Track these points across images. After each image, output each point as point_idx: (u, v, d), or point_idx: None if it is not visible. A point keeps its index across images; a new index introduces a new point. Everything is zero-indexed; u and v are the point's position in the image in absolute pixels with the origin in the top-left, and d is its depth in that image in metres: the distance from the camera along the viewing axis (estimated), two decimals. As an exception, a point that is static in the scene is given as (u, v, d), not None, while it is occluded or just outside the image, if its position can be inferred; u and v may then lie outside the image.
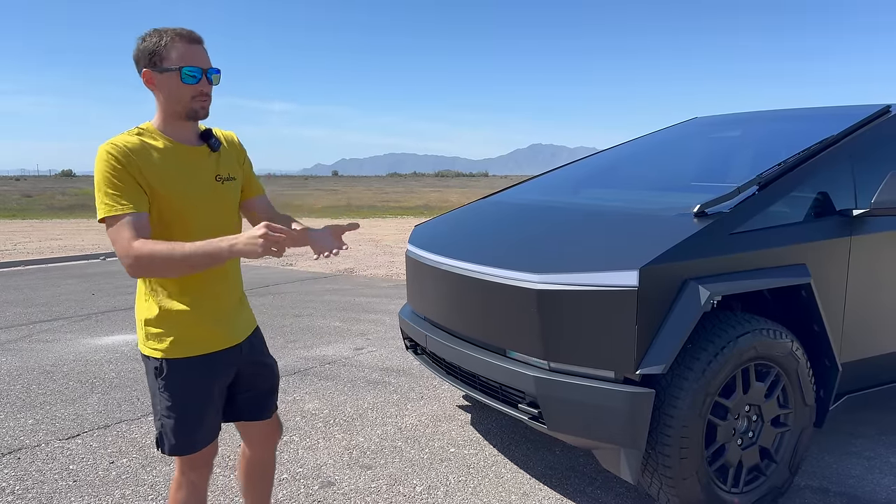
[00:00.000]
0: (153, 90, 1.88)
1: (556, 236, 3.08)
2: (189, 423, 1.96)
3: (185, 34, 1.85)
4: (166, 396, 1.94)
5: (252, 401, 2.13)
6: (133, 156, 1.80)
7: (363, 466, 3.37)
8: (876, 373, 3.30)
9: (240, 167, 2.07)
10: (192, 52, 1.84)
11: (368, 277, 9.78)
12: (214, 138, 1.98)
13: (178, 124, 1.90)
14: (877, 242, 3.12)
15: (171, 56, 1.82)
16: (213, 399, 2.00)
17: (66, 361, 5.19)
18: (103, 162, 1.77)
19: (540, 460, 3.44)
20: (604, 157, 4.70)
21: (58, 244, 14.16)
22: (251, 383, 2.12)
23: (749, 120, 4.23)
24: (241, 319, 2.06)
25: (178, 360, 1.91)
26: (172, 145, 1.89)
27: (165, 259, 1.72)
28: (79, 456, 3.47)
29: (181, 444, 1.97)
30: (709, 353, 2.57)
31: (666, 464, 2.56)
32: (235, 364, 2.05)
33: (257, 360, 2.13)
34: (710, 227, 2.67)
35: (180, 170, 1.87)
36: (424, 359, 3.70)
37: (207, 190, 1.92)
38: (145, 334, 1.93)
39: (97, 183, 1.78)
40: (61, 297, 7.93)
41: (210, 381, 1.98)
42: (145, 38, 1.85)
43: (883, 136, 3.32)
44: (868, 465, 3.35)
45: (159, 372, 1.92)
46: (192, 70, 1.83)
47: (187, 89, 1.84)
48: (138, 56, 1.86)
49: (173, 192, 1.85)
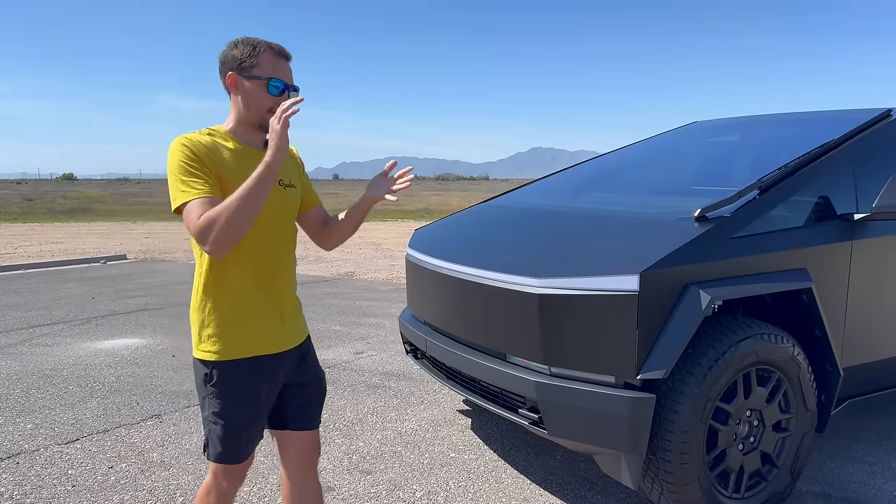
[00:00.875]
0: (234, 94, 1.94)
1: (556, 240, 3.07)
2: (236, 430, 1.95)
3: (278, 48, 1.92)
4: (214, 402, 1.93)
5: (299, 410, 2.10)
6: (205, 149, 1.85)
7: (363, 471, 3.35)
8: (878, 377, 3.29)
9: (299, 178, 2.12)
10: (281, 65, 1.92)
11: (369, 281, 9.77)
12: None
13: (249, 131, 1.96)
14: (878, 247, 3.11)
15: (262, 66, 1.89)
16: (261, 407, 1.99)
17: (66, 365, 5.18)
18: (177, 153, 1.81)
19: (540, 465, 3.42)
20: (604, 160, 4.70)
21: (58, 248, 14.17)
22: (300, 393, 2.09)
23: (749, 124, 4.22)
24: (292, 325, 2.05)
25: (228, 363, 1.92)
26: (241, 147, 1.94)
27: (225, 210, 1.72)
28: (78, 461, 3.46)
29: (227, 452, 1.96)
30: (710, 358, 2.56)
31: (667, 469, 2.55)
32: (284, 371, 2.03)
33: (307, 370, 2.11)
34: (711, 232, 2.66)
35: (247, 170, 1.87)
36: (424, 363, 3.69)
37: (273, 193, 1.95)
38: (199, 338, 1.94)
39: (171, 174, 1.81)
40: (61, 301, 7.93)
41: (258, 387, 1.96)
42: (238, 44, 1.91)
43: (884, 140, 3.31)
44: (870, 471, 3.34)
45: (209, 377, 1.92)
46: (277, 82, 1.89)
47: (269, 100, 1.90)
48: (227, 59, 1.92)
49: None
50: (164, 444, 3.66)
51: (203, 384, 1.94)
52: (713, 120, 4.64)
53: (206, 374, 1.93)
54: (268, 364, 1.96)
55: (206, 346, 1.92)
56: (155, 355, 5.48)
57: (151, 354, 5.51)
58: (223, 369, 1.91)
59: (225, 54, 1.92)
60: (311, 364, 2.12)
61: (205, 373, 1.93)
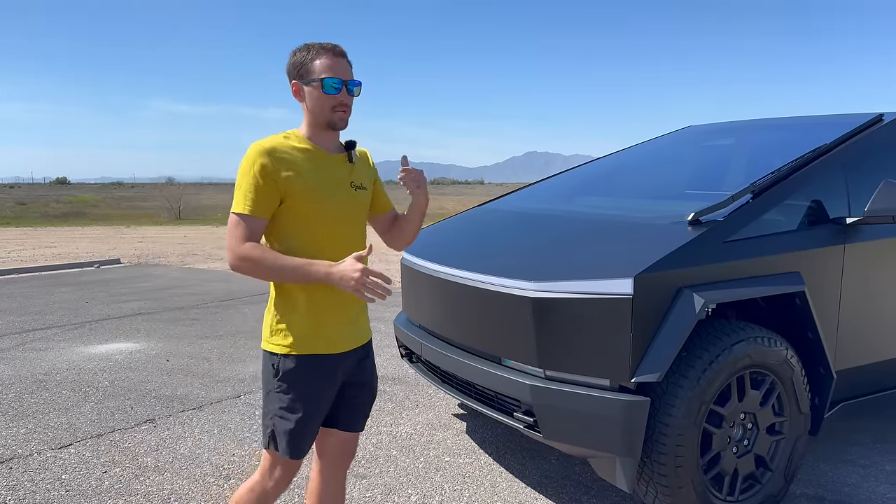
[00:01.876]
0: (300, 101, 2.00)
1: (551, 244, 3.08)
2: (303, 424, 1.99)
3: (329, 47, 1.96)
4: (281, 396, 1.98)
5: (351, 410, 2.15)
6: (279, 157, 1.91)
7: (358, 476, 3.35)
8: (871, 380, 3.31)
9: (370, 182, 2.16)
10: (334, 64, 1.95)
11: (364, 285, 9.75)
12: (354, 151, 2.09)
13: (320, 133, 2.01)
14: (870, 250, 3.13)
15: (316, 68, 1.94)
16: (326, 404, 2.05)
17: (60, 370, 5.16)
18: (251, 163, 1.89)
19: (535, 469, 3.43)
20: (599, 165, 4.72)
21: (52, 252, 14.12)
22: (355, 393, 2.14)
23: (743, 128, 4.25)
24: (357, 327, 2.10)
25: (298, 357, 1.97)
26: (315, 150, 2.00)
27: (267, 268, 1.87)
28: (71, 465, 3.44)
29: (293, 446, 2.00)
30: (704, 361, 2.57)
31: (661, 472, 2.56)
32: (344, 371, 2.07)
33: (365, 371, 2.15)
34: (705, 236, 2.67)
35: (319, 172, 1.97)
36: (420, 367, 3.69)
37: (342, 193, 2.01)
38: (270, 331, 2.01)
39: (240, 178, 1.91)
40: (55, 306, 7.90)
41: (323, 384, 2.01)
42: (296, 52, 1.98)
43: (876, 144, 3.34)
44: (863, 473, 3.35)
45: (276, 371, 1.98)
46: (332, 81, 1.93)
47: (328, 100, 1.94)
48: (289, 69, 1.99)
49: (312, 191, 1.94)
50: (158, 449, 3.65)
51: (271, 377, 2.00)
52: (708, 124, 4.66)
53: (273, 367, 1.99)
54: (334, 362, 2.02)
55: (278, 340, 1.99)
56: (149, 360, 5.47)
57: (145, 359, 5.49)
58: (292, 364, 1.97)
59: (287, 65, 1.99)
60: (368, 366, 2.18)
61: (273, 363, 1.99)
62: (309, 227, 1.96)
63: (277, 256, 1.87)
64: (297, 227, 1.96)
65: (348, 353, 2.07)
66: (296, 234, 1.96)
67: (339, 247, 2.00)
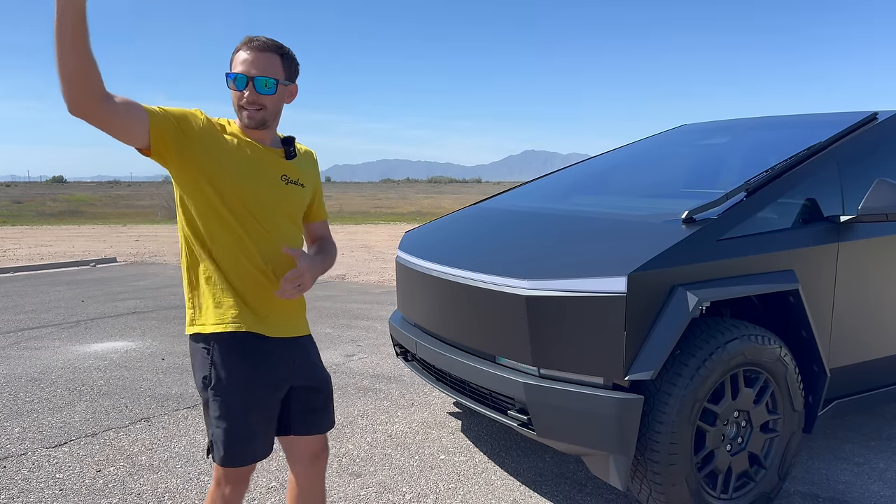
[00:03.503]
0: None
1: (545, 243, 3.08)
2: (240, 432, 1.91)
3: (248, 40, 1.89)
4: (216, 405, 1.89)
5: (304, 415, 2.07)
6: (213, 126, 1.88)
7: (352, 474, 3.35)
8: (864, 378, 3.32)
9: (310, 183, 2.10)
10: (247, 58, 1.87)
11: (360, 283, 9.76)
12: (293, 147, 2.03)
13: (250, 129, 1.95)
14: (864, 249, 3.14)
15: (233, 63, 1.89)
16: (266, 408, 1.95)
17: (55, 369, 5.15)
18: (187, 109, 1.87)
19: (530, 467, 3.43)
20: (594, 163, 4.72)
21: (48, 251, 14.08)
22: (303, 396, 2.06)
23: (737, 127, 4.25)
24: (288, 316, 2.02)
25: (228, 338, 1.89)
26: (245, 140, 1.94)
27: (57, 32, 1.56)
28: (65, 464, 3.44)
29: (231, 455, 1.92)
30: (697, 359, 2.57)
31: (655, 470, 2.56)
32: (288, 367, 1.99)
33: (311, 373, 2.07)
34: (699, 234, 2.68)
35: (245, 161, 1.91)
36: (415, 365, 3.70)
37: (269, 185, 1.94)
38: (193, 315, 1.94)
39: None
40: (50, 304, 7.88)
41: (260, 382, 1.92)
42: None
43: (870, 142, 3.34)
44: (857, 471, 3.36)
45: (207, 381, 1.89)
46: (235, 76, 1.86)
47: (234, 96, 1.89)
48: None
49: (236, 179, 1.87)
50: (152, 448, 3.65)
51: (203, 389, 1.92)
52: (702, 123, 4.66)
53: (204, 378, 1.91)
54: (269, 350, 1.94)
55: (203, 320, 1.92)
56: (144, 358, 5.46)
57: (141, 357, 5.49)
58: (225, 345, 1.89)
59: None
60: (314, 366, 2.09)
61: (204, 376, 1.91)
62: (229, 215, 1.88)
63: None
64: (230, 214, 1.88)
65: (288, 341, 1.99)
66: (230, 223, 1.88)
67: (269, 239, 1.93)
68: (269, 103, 1.89)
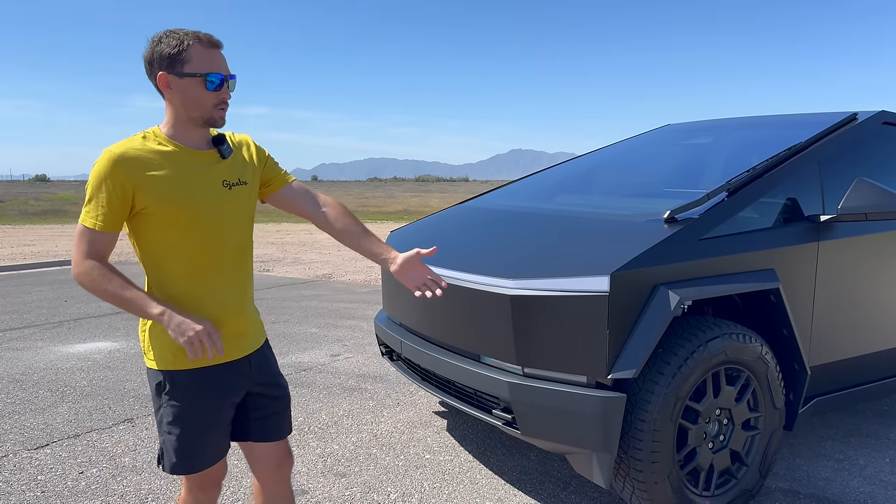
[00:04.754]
0: (167, 94, 1.81)
1: (529, 242, 3.10)
2: (191, 440, 1.88)
3: (205, 38, 1.78)
4: (168, 411, 1.87)
5: (261, 420, 2.03)
6: (132, 163, 1.75)
7: (337, 474, 3.35)
8: (844, 376, 3.36)
9: (255, 170, 1.99)
10: (213, 57, 1.79)
11: (346, 283, 9.74)
12: (226, 144, 1.91)
13: (189, 129, 1.84)
14: (844, 248, 3.17)
15: (194, 61, 1.76)
16: (218, 417, 1.92)
17: (37, 370, 5.10)
18: (100, 171, 1.74)
19: (515, 466, 3.44)
20: (580, 162, 4.74)
21: (30, 250, 13.94)
22: (260, 403, 2.02)
23: (720, 127, 4.28)
24: (247, 332, 1.97)
25: (180, 373, 1.85)
26: (179, 150, 1.82)
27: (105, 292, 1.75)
28: (47, 466, 3.41)
29: (182, 463, 1.90)
30: (679, 358, 2.59)
31: (638, 468, 2.58)
32: (243, 379, 1.96)
33: (267, 379, 2.03)
34: (680, 233, 2.70)
35: (184, 175, 1.81)
36: (400, 365, 3.70)
37: (212, 195, 1.84)
38: (146, 345, 1.89)
39: (89, 188, 1.76)
40: (33, 304, 7.80)
41: (214, 396, 1.89)
42: (161, 39, 1.77)
43: (850, 142, 3.38)
44: (837, 467, 3.40)
45: (162, 387, 1.86)
46: (215, 76, 1.78)
47: (210, 96, 1.79)
48: (153, 58, 1.78)
49: (174, 199, 1.78)
50: (136, 449, 3.62)
51: (156, 392, 1.89)
52: (685, 123, 4.70)
53: (158, 383, 1.88)
54: (222, 373, 1.90)
55: (154, 355, 1.87)
56: (128, 359, 5.42)
57: (124, 358, 5.45)
58: (175, 378, 1.86)
59: (150, 52, 1.78)
60: (271, 372, 2.05)
61: (157, 381, 1.88)
62: (179, 233, 1.80)
63: (119, 285, 1.73)
64: (165, 233, 1.80)
65: (239, 361, 1.94)
66: (166, 241, 1.81)
67: (218, 250, 1.87)
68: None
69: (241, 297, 1.96)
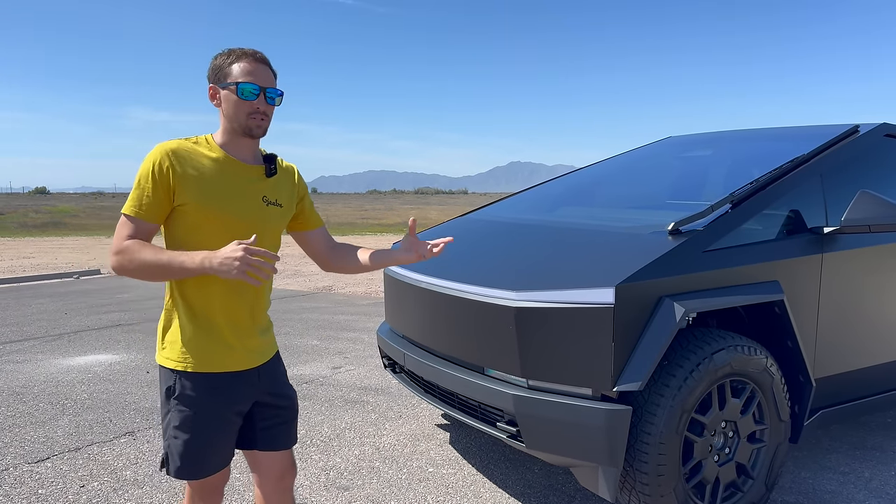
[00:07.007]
0: (217, 105, 1.94)
1: (533, 254, 3.10)
2: (197, 445, 1.91)
3: (250, 52, 1.91)
4: (176, 416, 1.90)
5: (268, 430, 2.05)
6: (181, 159, 1.84)
7: (340, 487, 3.33)
8: (849, 388, 3.35)
9: (292, 200, 2.08)
10: (253, 69, 1.89)
11: (347, 295, 9.73)
12: (274, 165, 2.01)
13: (236, 140, 1.94)
14: (847, 259, 3.18)
15: (233, 72, 1.88)
16: (225, 424, 1.94)
17: (37, 382, 5.08)
18: (149, 163, 1.83)
19: (519, 479, 3.42)
20: (581, 175, 4.75)
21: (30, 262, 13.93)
22: (268, 413, 2.04)
23: (722, 139, 4.30)
24: (259, 343, 2.01)
25: (191, 375, 1.89)
26: (226, 158, 1.92)
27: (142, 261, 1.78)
28: (48, 479, 3.38)
29: (186, 468, 1.92)
30: (684, 370, 2.58)
31: (643, 481, 2.57)
32: (252, 390, 1.99)
33: (276, 389, 2.07)
34: (685, 245, 2.70)
35: (225, 181, 1.89)
36: (403, 377, 3.68)
37: (251, 208, 1.93)
38: (162, 345, 1.94)
39: (138, 177, 1.84)
40: (33, 317, 7.79)
41: (222, 404, 1.92)
42: (217, 56, 1.93)
43: (852, 155, 3.39)
44: (843, 480, 3.38)
45: (171, 391, 1.90)
46: (248, 86, 1.87)
47: (244, 105, 1.88)
48: (208, 72, 1.93)
49: (211, 200, 1.86)
50: (137, 462, 3.60)
51: (165, 393, 1.93)
52: (687, 135, 4.71)
53: (169, 387, 1.91)
54: (232, 381, 1.94)
55: (172, 354, 1.91)
56: (128, 371, 5.40)
57: (125, 371, 5.43)
58: (186, 379, 1.89)
59: (208, 69, 1.93)
60: (279, 383, 2.08)
61: (168, 384, 1.91)
62: (210, 235, 1.87)
63: (152, 251, 1.78)
64: (196, 233, 1.87)
65: (249, 371, 1.97)
66: (197, 242, 1.86)
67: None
68: (271, 114, 1.95)
69: (256, 309, 2.01)
